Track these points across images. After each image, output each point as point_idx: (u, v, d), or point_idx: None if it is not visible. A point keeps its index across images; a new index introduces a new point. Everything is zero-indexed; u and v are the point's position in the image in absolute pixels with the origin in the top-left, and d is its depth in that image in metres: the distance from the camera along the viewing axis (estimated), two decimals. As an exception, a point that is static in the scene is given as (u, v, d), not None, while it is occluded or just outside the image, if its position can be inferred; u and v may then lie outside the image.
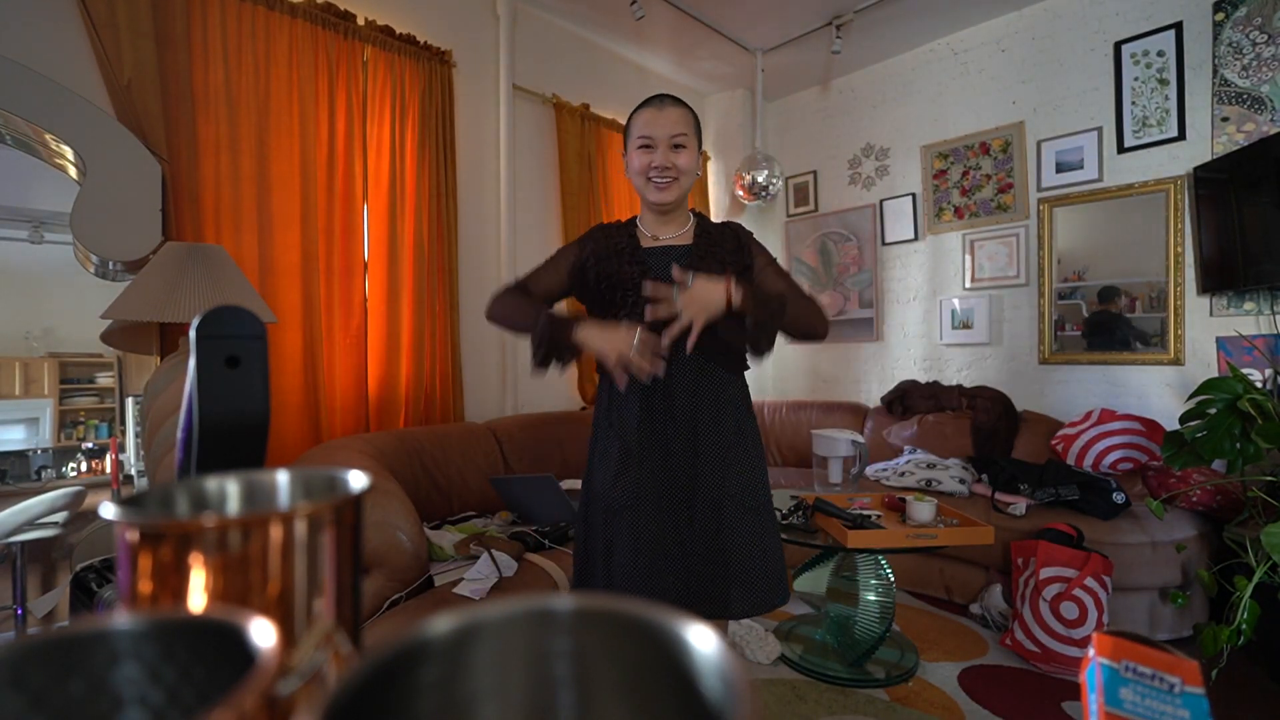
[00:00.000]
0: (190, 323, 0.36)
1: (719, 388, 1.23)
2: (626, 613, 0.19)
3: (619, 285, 1.23)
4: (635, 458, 1.21)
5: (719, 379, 1.23)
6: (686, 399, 1.21)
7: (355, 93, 2.35)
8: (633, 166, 1.25)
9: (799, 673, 2.00)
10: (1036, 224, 3.07)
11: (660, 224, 1.29)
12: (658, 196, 1.21)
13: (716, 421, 1.22)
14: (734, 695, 0.15)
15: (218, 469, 0.35)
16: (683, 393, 1.21)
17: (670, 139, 1.20)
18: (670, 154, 1.20)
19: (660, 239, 1.28)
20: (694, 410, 1.21)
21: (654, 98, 1.24)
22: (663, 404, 1.21)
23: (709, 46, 3.44)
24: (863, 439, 2.56)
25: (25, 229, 5.08)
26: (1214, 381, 1.97)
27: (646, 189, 1.23)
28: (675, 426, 1.21)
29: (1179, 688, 0.33)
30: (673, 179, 1.21)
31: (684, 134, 1.20)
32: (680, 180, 1.22)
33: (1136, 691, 0.33)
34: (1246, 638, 1.66)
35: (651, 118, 1.21)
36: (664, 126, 1.19)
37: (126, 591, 0.25)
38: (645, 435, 1.21)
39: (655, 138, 1.20)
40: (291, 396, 2.16)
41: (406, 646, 0.18)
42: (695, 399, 1.21)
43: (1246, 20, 2.46)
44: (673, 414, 1.21)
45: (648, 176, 1.22)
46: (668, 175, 1.20)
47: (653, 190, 1.22)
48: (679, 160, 1.21)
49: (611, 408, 1.27)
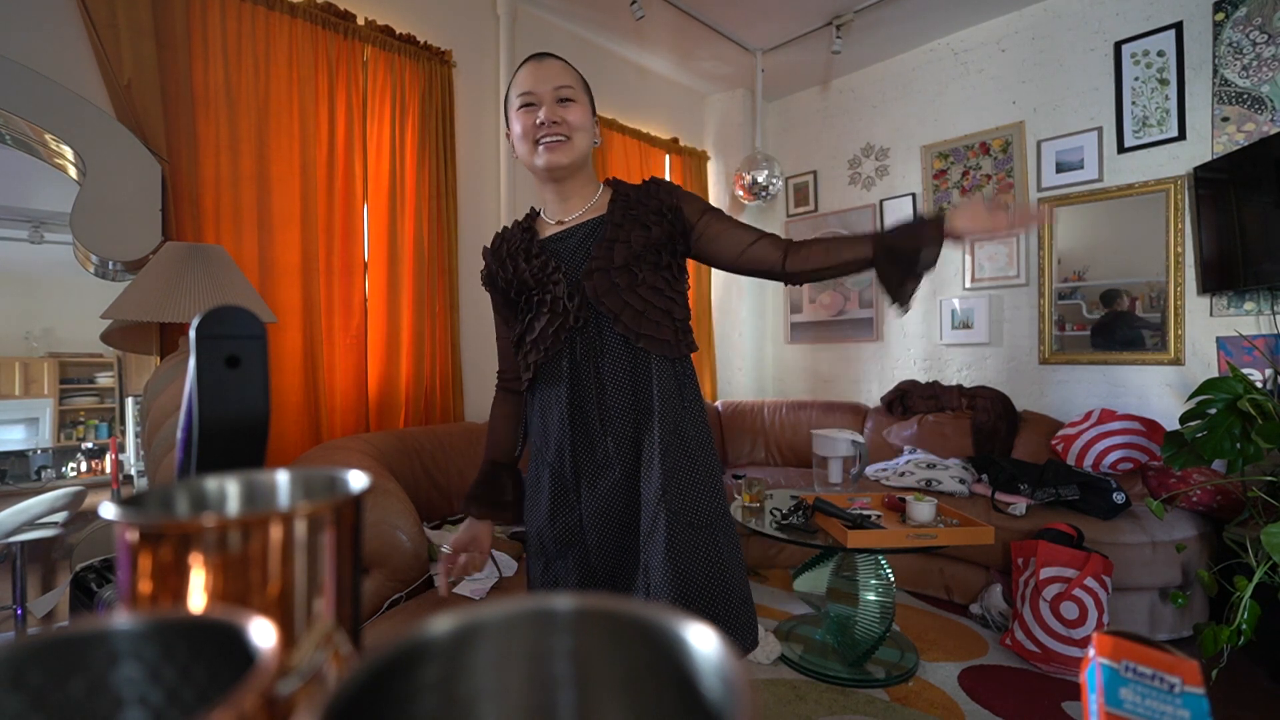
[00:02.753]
0: (190, 323, 0.36)
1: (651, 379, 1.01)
2: (627, 613, 0.19)
3: (522, 289, 1.06)
4: (571, 485, 1.02)
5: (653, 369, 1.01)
6: (622, 399, 1.00)
7: (355, 93, 2.35)
8: (515, 133, 1.03)
9: (799, 673, 2.00)
10: (1036, 224, 3.06)
11: (561, 202, 1.08)
12: (548, 159, 1.00)
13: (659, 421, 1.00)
14: (734, 695, 0.15)
15: (218, 469, 0.35)
16: (616, 391, 1.00)
17: (555, 91, 1.01)
18: (556, 108, 1.00)
19: (566, 221, 1.07)
20: (634, 410, 1.00)
21: (531, 55, 1.05)
22: (596, 411, 1.00)
23: (709, 46, 3.44)
24: (863, 439, 2.56)
25: (25, 229, 5.08)
26: (1214, 381, 1.97)
27: (534, 155, 1.02)
28: (611, 433, 1.00)
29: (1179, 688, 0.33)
30: (563, 136, 1.01)
31: (569, 86, 1.02)
32: (574, 139, 1.02)
33: (1136, 691, 0.33)
34: (1246, 638, 1.66)
35: (531, 71, 1.02)
36: (546, 79, 1.01)
37: (126, 591, 0.25)
38: (579, 454, 1.02)
39: (538, 93, 1.00)
40: (291, 396, 2.16)
41: (406, 646, 0.18)
42: (634, 397, 1.00)
43: (1246, 20, 2.46)
44: (608, 419, 1.00)
45: (534, 139, 1.01)
46: (557, 132, 1.00)
47: (541, 153, 1.01)
48: (568, 115, 1.01)
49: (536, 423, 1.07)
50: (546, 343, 1.01)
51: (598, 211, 1.07)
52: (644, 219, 1.03)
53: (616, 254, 1.00)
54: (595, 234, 1.04)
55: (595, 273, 1.00)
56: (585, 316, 1.01)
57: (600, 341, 1.01)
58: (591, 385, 1.00)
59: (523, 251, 1.06)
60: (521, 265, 1.05)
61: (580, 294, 1.00)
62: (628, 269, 1.00)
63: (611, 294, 0.99)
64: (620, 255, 0.99)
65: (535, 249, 1.06)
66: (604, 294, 0.99)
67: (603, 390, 1.00)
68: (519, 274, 1.05)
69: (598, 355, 1.01)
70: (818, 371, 3.99)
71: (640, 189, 1.08)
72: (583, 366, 1.01)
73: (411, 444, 2.22)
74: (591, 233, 1.05)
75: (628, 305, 0.99)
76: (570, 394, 1.01)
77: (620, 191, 1.09)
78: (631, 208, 1.04)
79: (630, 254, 0.99)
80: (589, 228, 1.05)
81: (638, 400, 1.00)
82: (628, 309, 0.99)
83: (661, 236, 1.02)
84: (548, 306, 1.02)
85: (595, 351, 1.01)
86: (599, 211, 1.07)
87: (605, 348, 1.01)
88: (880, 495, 2.30)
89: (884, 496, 2.28)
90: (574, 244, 1.05)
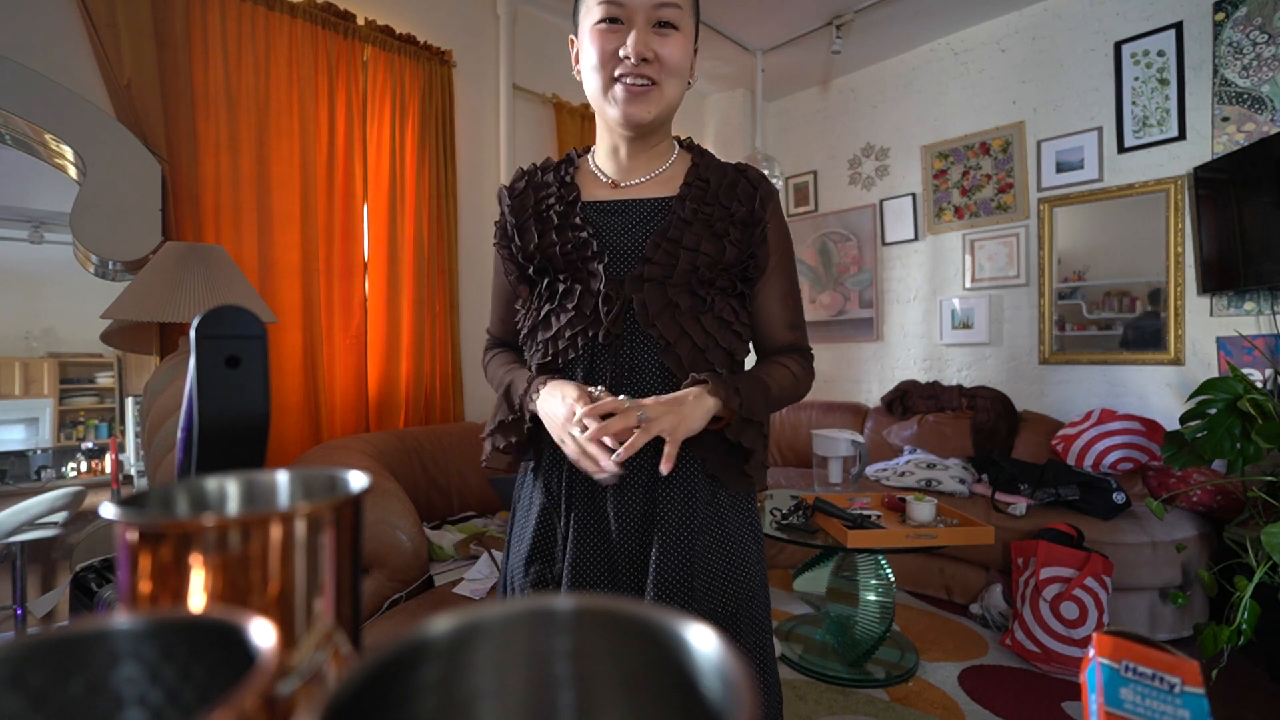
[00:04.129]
0: (190, 323, 0.36)
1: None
2: (627, 613, 0.19)
3: (545, 268, 0.80)
4: (563, 525, 0.79)
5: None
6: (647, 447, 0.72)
7: (355, 93, 2.35)
8: (587, 61, 0.75)
9: (799, 673, 2.00)
10: (1036, 224, 3.07)
11: (625, 160, 0.81)
12: (627, 110, 0.74)
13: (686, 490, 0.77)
14: (734, 695, 0.15)
15: (218, 469, 0.35)
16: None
17: (654, 9, 0.72)
18: (650, 36, 0.72)
19: (624, 184, 0.81)
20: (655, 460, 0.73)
21: None
22: None
23: (709, 46, 3.44)
24: (863, 439, 2.56)
25: (25, 229, 5.08)
26: (1214, 381, 1.97)
27: (607, 98, 0.75)
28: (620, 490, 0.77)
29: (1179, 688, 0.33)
30: (651, 83, 0.74)
31: (674, 5, 0.73)
32: (665, 86, 0.75)
33: (1137, 691, 0.33)
34: (1246, 638, 1.66)
35: None
36: None
37: (126, 591, 0.25)
38: (576, 499, 0.78)
39: (630, 5, 0.71)
40: (291, 396, 2.16)
41: (406, 646, 0.18)
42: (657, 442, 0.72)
43: (1246, 20, 2.46)
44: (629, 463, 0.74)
45: (612, 74, 0.73)
46: (645, 74, 0.73)
47: (620, 99, 0.74)
48: (665, 50, 0.73)
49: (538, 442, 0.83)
50: (559, 348, 0.78)
51: (667, 187, 0.81)
52: (720, 225, 0.77)
53: (682, 264, 0.75)
54: (656, 218, 0.79)
55: (650, 283, 0.76)
56: (620, 332, 0.76)
57: (634, 367, 0.76)
58: None
59: (558, 214, 0.79)
60: (552, 237, 0.78)
61: (622, 302, 0.76)
62: (693, 290, 0.77)
63: (667, 316, 0.75)
64: (686, 267, 0.75)
65: (576, 215, 0.79)
66: (658, 314, 0.75)
67: None
68: (546, 248, 0.78)
69: (625, 386, 0.76)
70: (818, 371, 3.96)
71: (725, 174, 0.81)
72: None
73: (411, 444, 2.22)
74: (653, 214, 0.79)
75: (686, 336, 0.76)
76: None
77: (700, 167, 0.82)
78: (709, 201, 0.78)
79: (698, 269, 0.76)
80: (651, 207, 0.80)
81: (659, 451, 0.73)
82: (685, 340, 0.76)
83: (736, 259, 0.78)
84: (574, 302, 0.77)
85: (623, 379, 0.76)
86: (668, 188, 0.81)
87: (640, 378, 0.76)
88: (880, 495, 2.30)
89: (884, 496, 2.28)
90: (629, 222, 0.79)
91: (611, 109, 0.76)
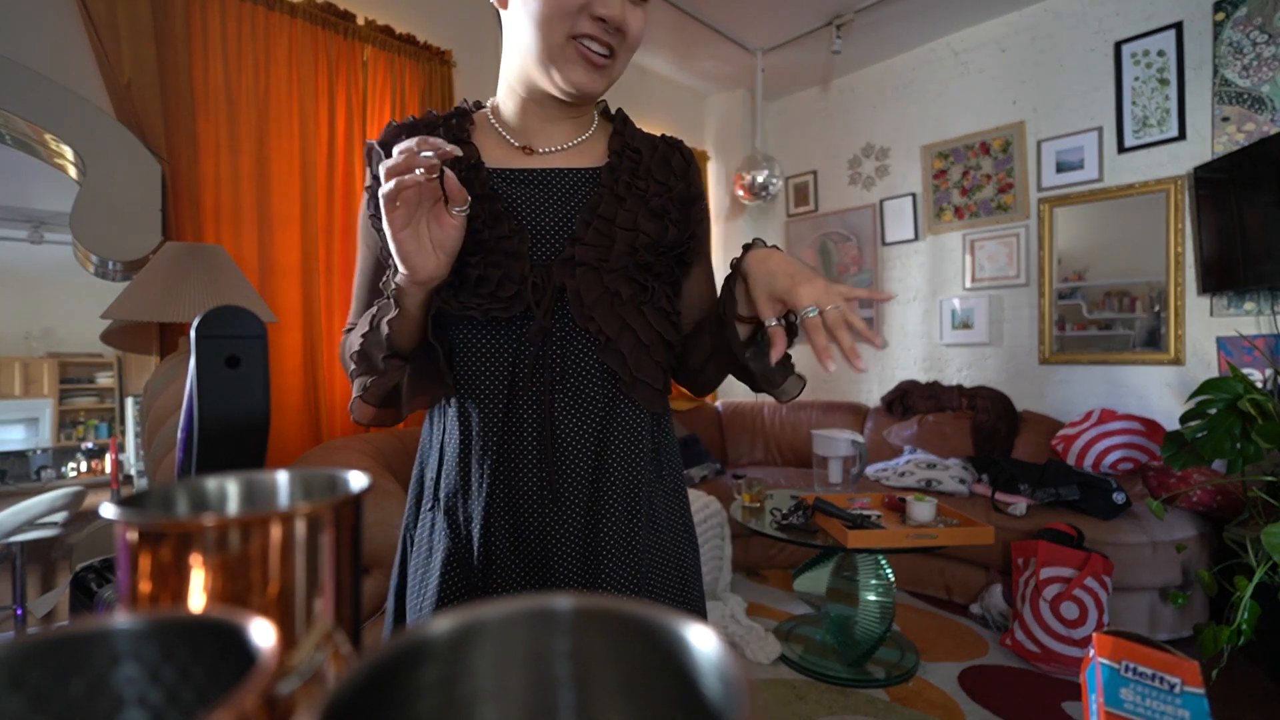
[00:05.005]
0: (190, 323, 0.36)
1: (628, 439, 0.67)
2: (627, 613, 0.19)
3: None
4: (479, 560, 0.63)
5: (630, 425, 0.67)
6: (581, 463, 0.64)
7: (355, 93, 2.35)
8: (532, 8, 0.61)
9: (799, 673, 2.00)
10: (1037, 224, 3.07)
11: (544, 125, 0.70)
12: (582, 79, 0.63)
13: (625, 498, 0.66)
14: (734, 695, 0.15)
15: (218, 469, 0.35)
16: (574, 452, 0.64)
17: None
18: (627, 5, 0.63)
19: (542, 150, 0.69)
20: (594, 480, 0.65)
21: None
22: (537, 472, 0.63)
23: (709, 46, 3.44)
24: (863, 439, 2.57)
25: (25, 229, 5.08)
26: (1214, 381, 1.97)
27: (561, 58, 0.62)
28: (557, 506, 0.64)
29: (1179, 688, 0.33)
30: (611, 54, 0.64)
31: None
32: (618, 62, 0.66)
33: (1137, 691, 0.33)
34: (1246, 638, 1.66)
35: None
36: None
37: (126, 591, 0.25)
38: (496, 525, 0.63)
39: None
40: (291, 396, 2.16)
41: (406, 646, 0.18)
42: (598, 460, 0.65)
43: (1247, 20, 2.46)
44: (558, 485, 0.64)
45: (569, 32, 0.61)
46: (608, 45, 0.63)
47: (574, 62, 0.63)
48: (634, 23, 0.64)
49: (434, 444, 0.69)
50: (476, 351, 0.64)
51: (588, 157, 0.70)
52: (657, 201, 0.67)
53: (619, 246, 0.64)
54: (580, 192, 0.67)
55: (582, 268, 0.64)
56: (548, 327, 0.64)
57: (568, 368, 0.65)
58: (530, 429, 0.64)
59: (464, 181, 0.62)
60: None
61: (552, 291, 0.63)
62: (630, 276, 0.65)
63: (605, 306, 0.64)
64: (623, 249, 0.65)
65: (479, 184, 0.64)
66: (594, 304, 0.63)
67: (553, 446, 0.64)
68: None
69: (559, 390, 0.64)
70: (818, 371, 3.99)
71: (655, 146, 0.72)
72: (524, 400, 0.64)
73: (411, 444, 2.22)
74: (576, 188, 0.68)
75: (629, 329, 0.65)
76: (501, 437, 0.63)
77: (625, 135, 0.72)
78: (642, 175, 0.68)
79: (637, 251, 0.65)
80: (574, 179, 0.68)
81: (601, 466, 0.65)
82: (628, 334, 0.65)
83: (676, 239, 0.68)
84: (490, 290, 0.62)
85: (556, 382, 0.64)
86: (590, 158, 0.70)
87: (577, 380, 0.65)
88: (880, 495, 2.30)
89: (884, 496, 2.28)
90: (548, 196, 0.66)
91: (556, 73, 0.62)
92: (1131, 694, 0.33)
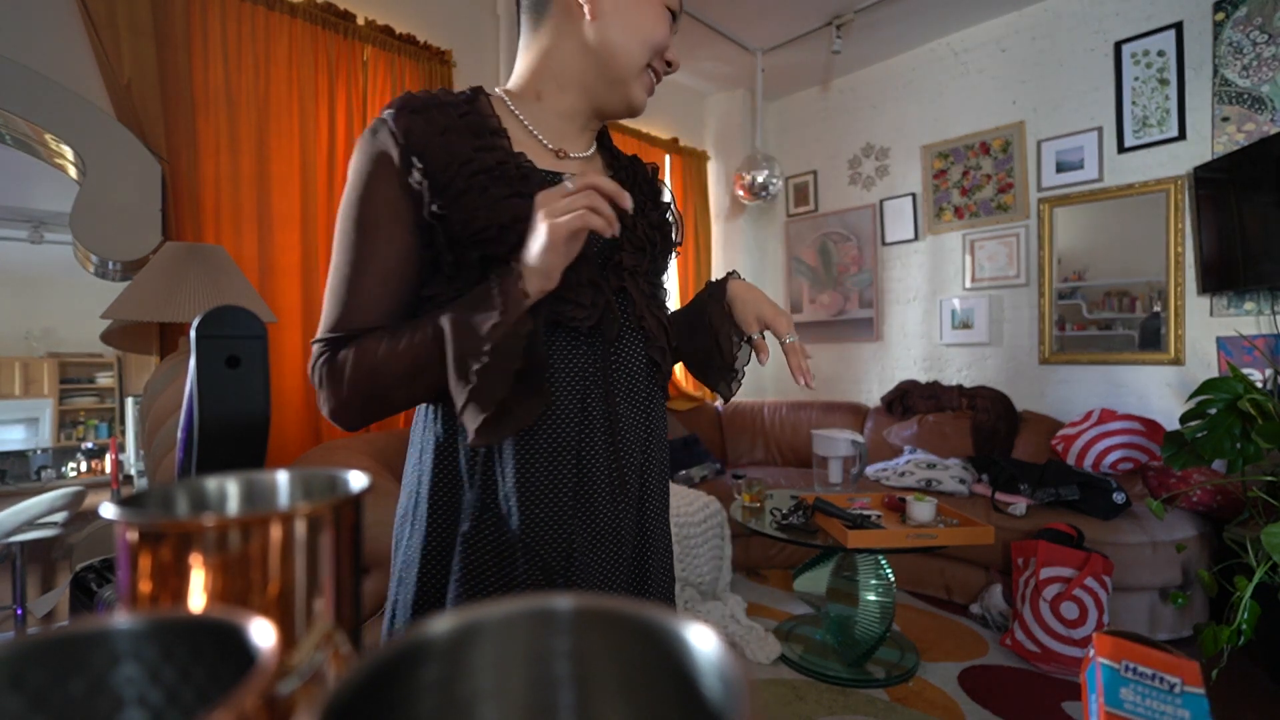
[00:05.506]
0: (190, 323, 0.36)
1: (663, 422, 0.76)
2: (627, 613, 0.19)
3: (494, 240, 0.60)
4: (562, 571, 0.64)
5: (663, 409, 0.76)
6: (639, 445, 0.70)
7: (355, 93, 2.35)
8: (640, 30, 0.68)
9: (799, 673, 2.00)
10: (1036, 224, 3.07)
11: (579, 131, 0.74)
12: (643, 100, 0.73)
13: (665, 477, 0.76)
14: (734, 695, 0.15)
15: (218, 469, 0.35)
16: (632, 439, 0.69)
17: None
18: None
19: (573, 156, 0.73)
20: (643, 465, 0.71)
21: None
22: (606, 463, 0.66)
23: (709, 46, 3.44)
24: (863, 439, 2.57)
25: (25, 229, 5.08)
26: (1214, 381, 1.97)
27: (636, 81, 0.70)
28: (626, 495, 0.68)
29: (1179, 688, 0.33)
30: None
31: None
32: None
33: (1137, 691, 0.33)
34: (1246, 638, 1.66)
35: None
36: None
37: (126, 591, 0.25)
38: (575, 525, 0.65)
39: (676, 12, 0.73)
40: (291, 396, 2.16)
41: (406, 646, 0.18)
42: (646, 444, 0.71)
43: (1247, 20, 2.46)
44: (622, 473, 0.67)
45: (649, 62, 0.71)
46: (661, 78, 0.75)
47: (645, 89, 0.73)
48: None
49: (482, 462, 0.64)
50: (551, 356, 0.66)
51: (596, 166, 0.77)
52: (652, 211, 0.76)
53: (647, 250, 0.74)
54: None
55: (627, 271, 0.70)
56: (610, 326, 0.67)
57: (623, 365, 0.69)
58: (600, 425, 0.66)
59: (512, 176, 0.63)
60: (506, 198, 0.61)
61: (609, 294, 0.67)
62: (650, 278, 0.75)
63: (651, 306, 0.73)
64: (649, 253, 0.74)
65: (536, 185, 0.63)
66: (644, 305, 0.71)
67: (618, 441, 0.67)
68: (499, 213, 0.60)
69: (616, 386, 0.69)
70: (817, 371, 3.99)
71: (634, 162, 0.80)
72: (593, 399, 0.66)
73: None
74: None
75: (663, 327, 0.73)
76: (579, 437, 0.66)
77: (611, 151, 0.80)
78: (639, 185, 0.77)
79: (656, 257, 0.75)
80: None
81: (647, 455, 0.72)
82: (663, 332, 0.73)
83: (669, 248, 0.79)
84: (572, 296, 0.64)
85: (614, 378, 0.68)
86: (597, 167, 0.78)
87: (631, 376, 0.70)
88: (880, 495, 2.30)
89: (884, 496, 2.28)
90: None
91: (635, 92, 0.72)
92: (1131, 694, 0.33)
